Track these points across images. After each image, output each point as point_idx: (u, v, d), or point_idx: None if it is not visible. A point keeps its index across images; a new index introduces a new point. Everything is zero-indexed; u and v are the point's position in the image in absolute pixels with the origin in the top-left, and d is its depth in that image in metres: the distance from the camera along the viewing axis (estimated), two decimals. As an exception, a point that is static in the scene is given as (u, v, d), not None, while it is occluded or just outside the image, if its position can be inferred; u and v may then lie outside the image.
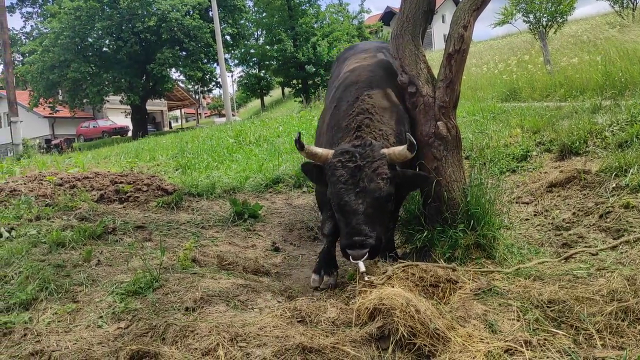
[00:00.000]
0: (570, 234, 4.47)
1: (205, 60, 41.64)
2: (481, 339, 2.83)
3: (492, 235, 4.04)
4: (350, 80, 4.49)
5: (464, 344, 2.79)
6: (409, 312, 2.97)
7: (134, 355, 3.01)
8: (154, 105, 53.75)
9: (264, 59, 45.36)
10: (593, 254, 4.00)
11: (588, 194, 5.07)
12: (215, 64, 42.48)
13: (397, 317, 2.96)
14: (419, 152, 4.08)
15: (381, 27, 52.79)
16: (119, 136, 43.31)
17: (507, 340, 2.78)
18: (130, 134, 43.18)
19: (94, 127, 46.72)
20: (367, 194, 3.61)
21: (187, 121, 68.01)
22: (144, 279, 3.90)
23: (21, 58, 39.91)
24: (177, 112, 69.72)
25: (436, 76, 4.31)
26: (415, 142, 3.62)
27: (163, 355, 2.97)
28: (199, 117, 64.34)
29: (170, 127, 56.28)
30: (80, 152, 19.27)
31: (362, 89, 4.25)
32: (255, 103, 65.72)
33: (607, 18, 29.55)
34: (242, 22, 44.34)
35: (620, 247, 4.02)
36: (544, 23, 27.88)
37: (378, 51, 5.27)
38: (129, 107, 42.12)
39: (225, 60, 38.71)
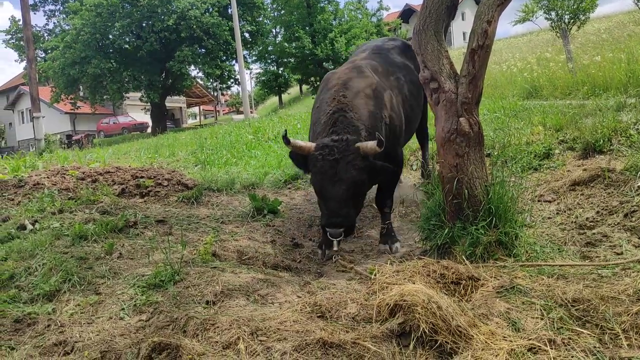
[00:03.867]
0: (594, 233, 4.39)
1: (224, 58, 41.82)
2: (504, 337, 2.80)
3: (514, 233, 3.99)
4: (332, 82, 5.18)
5: (486, 342, 2.76)
6: (431, 308, 2.95)
7: (155, 347, 3.04)
8: (173, 102, 54.13)
9: (282, 55, 45.46)
10: (618, 254, 3.94)
11: (612, 192, 4.98)
12: (233, 62, 42.69)
13: (419, 313, 2.94)
14: (441, 148, 4.21)
15: (400, 24, 52.53)
16: (138, 132, 43.72)
17: (530, 339, 2.75)
18: (149, 130, 43.54)
19: (114, 123, 47.20)
20: (343, 182, 4.32)
21: (205, 118, 68.33)
22: (165, 272, 3.93)
23: (43, 54, 40.40)
24: (195, 109, 70.13)
25: (458, 72, 4.27)
26: (383, 139, 4.23)
27: (184, 348, 2.99)
28: (217, 114, 64.67)
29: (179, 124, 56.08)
30: (101, 147, 19.47)
31: (339, 90, 4.91)
32: (273, 100, 65.80)
33: (630, 16, 29.09)
34: (260, 19, 44.41)
35: (646, 246, 3.95)
36: (566, 20, 27.53)
37: (370, 51, 6.16)
38: (148, 103, 42.48)
39: (244, 57, 38.81)
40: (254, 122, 17.06)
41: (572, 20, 26.79)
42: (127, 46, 38.70)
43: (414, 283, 3.33)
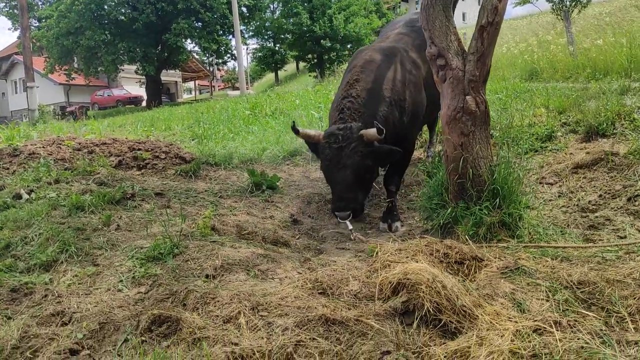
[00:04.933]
0: (596, 216, 4.36)
1: (221, 32, 41.25)
2: (509, 318, 2.77)
3: (518, 214, 3.95)
4: (354, 62, 5.29)
5: (491, 322, 2.73)
6: (435, 287, 2.91)
7: (155, 319, 3.00)
8: (169, 76, 53.57)
9: (280, 32, 44.89)
10: (621, 237, 3.91)
11: (615, 176, 4.95)
12: (230, 36, 42.11)
13: (423, 292, 2.91)
14: (446, 126, 4.15)
15: (399, 2, 51.99)
16: (133, 106, 43.29)
17: (536, 320, 2.72)
18: (144, 103, 43.12)
19: (108, 95, 46.66)
20: (347, 168, 4.48)
21: (200, 93, 67.75)
22: (164, 245, 3.88)
23: (37, 23, 39.76)
24: (190, 84, 69.49)
25: (466, 49, 4.18)
26: (382, 128, 4.35)
27: (184, 321, 2.95)
28: (213, 89, 64.12)
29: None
30: (95, 120, 19.27)
31: (355, 73, 5.01)
32: (269, 77, 65.22)
33: (630, 0, 28.91)
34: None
35: (650, 231, 3.93)
36: (567, 3, 27.29)
37: (401, 25, 6.11)
38: (143, 77, 41.97)
39: (241, 32, 38.34)
40: (251, 97, 16.90)
41: (573, 3, 26.60)
42: (122, 17, 38.08)
43: (417, 262, 3.30)
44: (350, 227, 4.74)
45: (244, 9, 42.12)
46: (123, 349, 2.89)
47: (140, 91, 46.58)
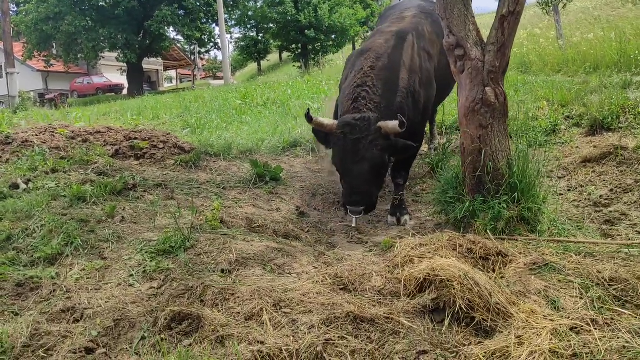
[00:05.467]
0: (611, 211, 4.33)
1: (205, 20, 40.70)
2: (544, 316, 2.70)
3: (538, 208, 3.89)
4: (364, 48, 5.06)
5: (527, 321, 2.66)
6: (467, 284, 2.83)
7: (175, 316, 2.88)
8: (150, 65, 52.71)
9: (264, 21, 44.41)
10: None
11: (625, 170, 4.92)
12: (214, 25, 41.56)
13: (455, 289, 2.82)
14: (464, 118, 4.07)
15: (383, -6, 51.79)
16: (113, 94, 42.57)
17: (572, 319, 2.66)
18: (125, 92, 42.42)
19: (88, 83, 45.77)
20: (365, 162, 4.29)
21: (181, 82, 66.93)
22: (174, 238, 3.73)
23: (16, 8, 38.80)
24: (172, 73, 68.59)
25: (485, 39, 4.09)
26: (405, 121, 4.13)
27: (206, 318, 2.84)
28: (195, 78, 63.35)
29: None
30: (77, 108, 18.85)
31: (368, 60, 4.77)
32: (252, 67, 64.65)
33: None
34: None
35: (667, 226, 3.90)
36: (552, -3, 27.33)
37: (414, 12, 5.76)
38: (124, 64, 41.23)
39: (225, 21, 37.84)
40: (240, 87, 16.66)
41: (557, -4, 26.69)
42: (103, 3, 37.29)
43: (443, 257, 3.21)
44: (354, 224, 4.61)
45: (228, -3, 41.62)
46: (140, 348, 2.76)
47: (121, 79, 45.74)
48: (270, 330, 2.79)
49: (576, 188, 4.96)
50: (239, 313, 2.95)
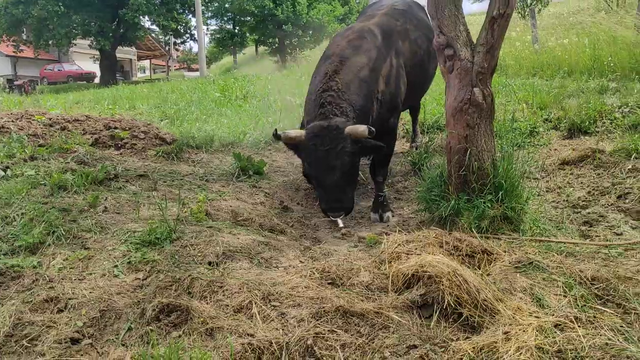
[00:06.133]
0: (589, 213, 4.43)
1: (181, 11, 40.19)
2: (530, 313, 2.76)
3: (520, 208, 3.96)
4: (329, 52, 5.02)
5: (513, 317, 2.71)
6: (456, 281, 2.88)
7: (163, 308, 2.85)
8: (123, 54, 51.83)
9: (241, 14, 44.10)
10: (618, 234, 3.98)
11: (602, 173, 5.05)
12: (190, 15, 41.10)
13: (444, 285, 2.86)
14: (451, 118, 4.12)
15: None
16: (84, 82, 41.75)
17: (556, 316, 2.72)
18: (97, 80, 41.63)
19: (58, 70, 44.74)
20: (337, 170, 4.36)
21: (154, 72, 65.99)
22: (160, 230, 3.69)
23: (-15, -10, 37.67)
24: (145, 63, 67.59)
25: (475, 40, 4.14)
26: (374, 130, 4.25)
27: (195, 310, 2.82)
28: (169, 69, 62.53)
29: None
30: (45, 95, 18.43)
31: (332, 64, 4.76)
32: (227, 59, 64.15)
33: (587, 1, 29.77)
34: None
35: (643, 228, 4.02)
36: (528, 2, 27.81)
37: (385, 10, 5.79)
38: (97, 52, 40.43)
39: (202, 12, 37.42)
40: (218, 80, 16.53)
41: (534, 2, 27.16)
42: (77, -12, 36.46)
43: (430, 254, 3.25)
44: (341, 224, 4.71)
45: (205, -13, 41.18)
46: (127, 339, 2.74)
47: (93, 67, 44.86)
48: (260, 323, 2.79)
49: (555, 189, 5.07)
50: (227, 305, 2.94)
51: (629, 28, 12.18)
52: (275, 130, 4.66)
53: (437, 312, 2.82)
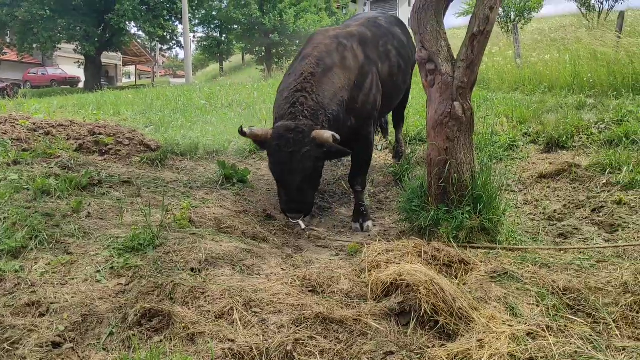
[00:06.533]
0: (564, 225, 4.56)
1: (168, 17, 40.14)
2: (503, 322, 2.84)
3: (497, 220, 4.07)
4: (306, 52, 5.05)
5: (487, 325, 2.79)
6: (432, 289, 2.95)
7: (145, 313, 2.89)
8: (109, 59, 51.58)
9: (228, 22, 44.22)
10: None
11: (578, 187, 5.18)
12: (177, 22, 41.07)
13: (421, 293, 2.94)
14: (432, 130, 4.22)
15: (348, 3, 52.32)
16: (68, 86, 41.44)
17: (529, 324, 2.81)
18: (81, 85, 41.34)
19: (42, 74, 44.42)
20: (299, 172, 4.39)
21: (139, 78, 65.73)
22: (143, 236, 3.73)
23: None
24: (130, 68, 67.31)
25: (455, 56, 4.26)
26: (338, 137, 4.31)
27: (177, 316, 2.87)
28: (154, 76, 62.34)
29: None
30: (28, 99, 18.27)
31: (309, 65, 4.76)
32: (213, 67, 64.19)
33: (568, 19, 30.37)
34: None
35: (616, 241, 4.14)
36: (512, 17, 28.39)
37: (361, 21, 5.90)
38: (82, 57, 40.19)
39: (189, 19, 37.44)
40: (204, 87, 16.55)
41: (517, 18, 27.70)
42: (63, -8, 36.21)
43: (408, 263, 3.33)
44: (303, 225, 4.76)
45: (194, -6, 41.18)
46: (109, 343, 2.77)
47: (78, 72, 44.56)
48: (241, 328, 2.85)
49: (532, 202, 5.19)
50: (209, 311, 2.98)
51: (609, 46, 12.45)
52: (241, 127, 4.68)
53: (414, 320, 2.90)
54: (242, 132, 4.65)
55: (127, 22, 37.80)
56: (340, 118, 4.75)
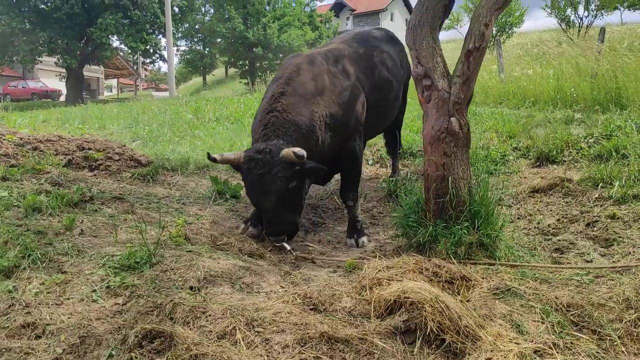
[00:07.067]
0: (559, 240, 4.58)
1: (150, 31, 39.99)
2: (510, 339, 2.83)
3: (496, 235, 4.07)
4: (277, 75, 5.08)
5: (494, 343, 2.77)
6: (438, 307, 2.93)
7: (146, 334, 2.81)
8: (90, 72, 51.21)
9: (212, 35, 44.22)
10: (588, 261, 4.12)
11: (570, 201, 5.22)
12: (160, 36, 40.98)
13: (426, 311, 2.91)
14: (428, 146, 4.22)
15: (330, 18, 52.71)
16: (49, 100, 41.01)
17: (536, 342, 2.80)
18: (62, 98, 40.92)
19: (23, 87, 43.92)
20: (272, 194, 4.29)
21: (121, 91, 65.30)
22: (139, 254, 3.65)
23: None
24: (112, 82, 66.89)
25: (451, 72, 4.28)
26: (304, 154, 4.14)
27: (179, 337, 2.79)
28: (137, 89, 62.00)
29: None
30: (8, 112, 18.00)
31: (280, 86, 4.76)
32: (196, 80, 64.11)
33: (548, 34, 30.96)
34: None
35: (612, 255, 4.17)
36: (494, 33, 28.78)
37: (345, 38, 6.00)
38: (64, 70, 39.82)
39: (172, 33, 37.36)
40: (190, 101, 16.46)
41: (499, 33, 28.04)
42: (44, 6, 35.89)
43: (411, 280, 3.30)
44: (289, 247, 4.59)
45: (176, 9, 41.10)
46: (108, 366, 2.70)
47: (59, 85, 44.13)
48: (244, 349, 2.79)
49: (526, 216, 5.21)
50: (211, 331, 2.92)
51: (591, 60, 12.68)
52: (208, 153, 4.56)
53: (420, 339, 2.86)
54: (212, 159, 4.48)
55: (110, 36, 37.54)
56: (317, 134, 4.66)
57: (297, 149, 4.19)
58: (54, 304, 3.18)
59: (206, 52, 51.55)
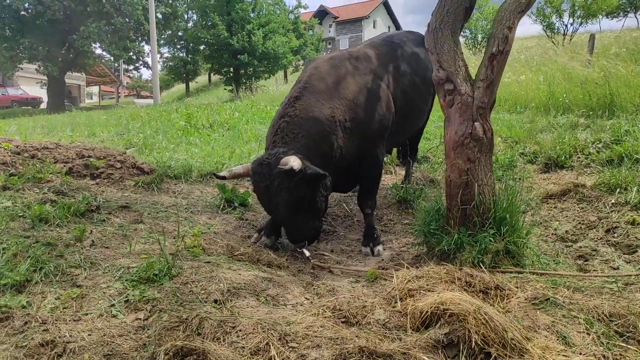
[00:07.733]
0: (580, 247, 4.50)
1: (134, 38, 39.61)
2: (558, 352, 2.71)
3: (523, 242, 3.97)
4: (299, 78, 4.95)
5: (543, 356, 2.66)
6: (481, 319, 2.81)
7: (177, 352, 2.65)
8: (72, 79, 50.56)
9: (195, 42, 43.91)
10: (614, 268, 4.04)
11: (586, 207, 5.16)
12: (143, 43, 40.61)
13: (469, 323, 2.79)
14: (451, 151, 4.11)
15: (314, 25, 52.77)
16: (30, 107, 40.32)
17: (584, 354, 2.69)
18: (43, 105, 40.27)
19: (2, 95, 43.11)
20: (280, 206, 4.23)
21: (103, 99, 64.54)
22: (158, 265, 3.49)
23: None
24: (94, 89, 66.10)
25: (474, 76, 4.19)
26: (292, 167, 3.95)
27: (212, 354, 2.65)
28: (119, 96, 61.30)
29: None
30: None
31: (295, 90, 4.68)
32: (178, 87, 63.67)
33: (533, 40, 31.28)
34: (172, 1, 42.45)
35: (638, 262, 4.10)
36: (479, 39, 29.04)
37: (379, 40, 5.83)
38: (44, 77, 39.20)
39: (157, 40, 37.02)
40: (180, 107, 16.23)
41: (484, 40, 28.29)
42: (24, 13, 35.33)
43: (444, 290, 3.19)
44: (308, 254, 4.48)
45: (159, 16, 40.79)
46: (138, 387, 2.53)
47: (40, 92, 43.44)
48: (280, 366, 2.64)
49: (540, 223, 5.13)
50: (243, 347, 2.77)
51: (581, 66, 12.76)
52: (215, 174, 4.53)
53: (464, 352, 2.74)
54: (220, 177, 4.46)
55: (92, 44, 37.07)
56: (330, 139, 4.51)
57: (287, 161, 4.02)
58: (71, 320, 3.01)
59: (189, 59, 51.20)
